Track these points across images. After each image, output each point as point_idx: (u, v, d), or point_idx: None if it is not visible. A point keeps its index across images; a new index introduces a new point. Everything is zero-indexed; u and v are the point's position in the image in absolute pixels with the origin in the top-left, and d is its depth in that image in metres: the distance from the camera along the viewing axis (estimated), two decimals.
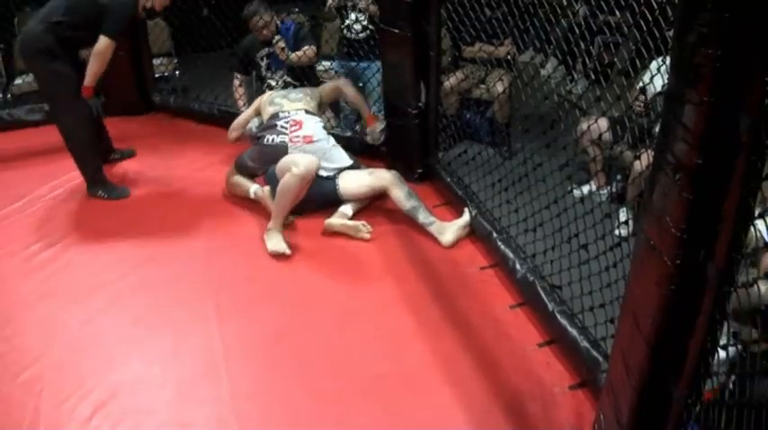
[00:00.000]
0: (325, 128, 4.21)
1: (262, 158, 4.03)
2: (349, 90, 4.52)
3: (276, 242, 3.61)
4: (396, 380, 2.72)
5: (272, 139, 4.00)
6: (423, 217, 3.74)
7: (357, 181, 3.92)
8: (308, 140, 4.01)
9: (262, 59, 4.86)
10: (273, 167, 3.89)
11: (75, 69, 3.94)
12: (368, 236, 3.73)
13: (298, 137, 4.01)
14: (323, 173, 3.93)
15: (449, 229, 3.70)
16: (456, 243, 3.68)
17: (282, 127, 4.05)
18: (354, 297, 3.27)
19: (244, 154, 4.17)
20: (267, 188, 3.97)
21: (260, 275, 3.45)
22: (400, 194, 3.78)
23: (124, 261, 3.56)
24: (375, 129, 4.38)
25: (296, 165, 3.62)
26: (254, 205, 4.04)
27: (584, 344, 2.65)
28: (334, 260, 3.59)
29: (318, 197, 3.91)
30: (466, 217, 3.74)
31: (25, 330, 3.04)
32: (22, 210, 4.11)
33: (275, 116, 4.14)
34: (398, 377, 2.74)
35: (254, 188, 4.04)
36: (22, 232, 3.84)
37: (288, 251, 3.57)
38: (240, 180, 4.16)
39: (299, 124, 4.08)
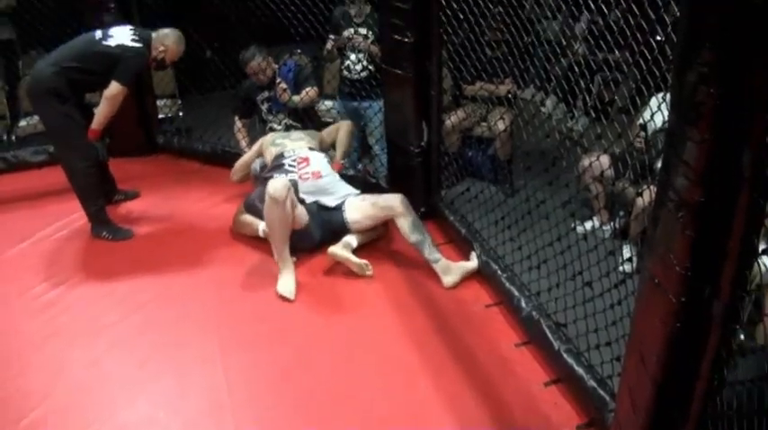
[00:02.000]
0: (329, 163, 4.24)
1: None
2: (343, 132, 4.60)
3: (284, 284, 3.60)
4: (401, 419, 2.71)
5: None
6: (428, 252, 3.71)
7: (363, 212, 3.92)
8: (317, 176, 4.04)
9: (262, 103, 4.89)
10: None
11: (81, 112, 3.99)
12: (370, 273, 3.72)
13: (307, 173, 4.03)
14: (330, 203, 3.94)
15: (453, 271, 3.68)
16: (458, 284, 3.67)
17: (290, 165, 4.08)
18: (359, 334, 3.26)
19: (251, 195, 4.18)
20: None
21: (264, 313, 3.44)
22: (405, 226, 3.76)
23: (128, 301, 3.55)
24: None
25: (266, 190, 3.58)
26: (258, 244, 4.05)
27: (591, 382, 2.63)
28: (339, 297, 3.58)
29: (326, 228, 3.91)
30: (474, 263, 3.72)
31: (30, 371, 3.02)
32: (26, 250, 4.12)
33: (280, 156, 4.16)
34: (404, 415, 2.73)
35: (262, 225, 3.99)
36: (27, 272, 3.85)
37: (292, 297, 3.55)
38: (248, 218, 4.14)
39: (306, 160, 4.11)
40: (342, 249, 3.76)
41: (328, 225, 3.92)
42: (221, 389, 2.87)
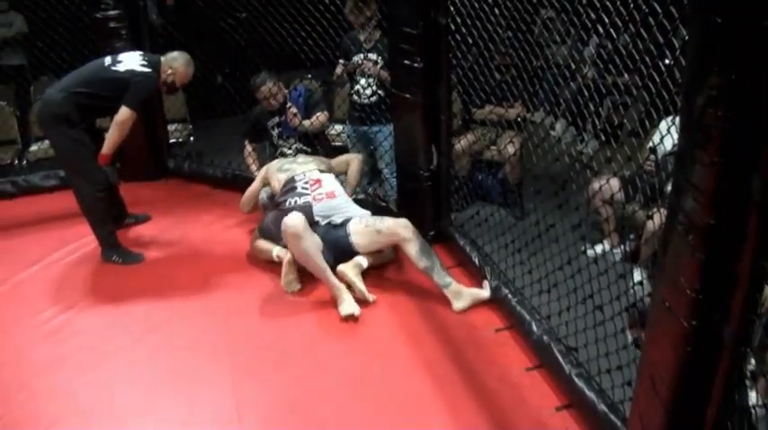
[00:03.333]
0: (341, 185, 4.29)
1: (282, 221, 4.02)
2: (354, 167, 4.59)
3: (346, 306, 3.59)
4: None
5: (295, 201, 4.01)
6: (437, 277, 3.66)
7: (368, 238, 3.86)
8: (331, 195, 4.05)
9: (273, 128, 4.91)
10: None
11: (91, 137, 4.01)
12: (372, 299, 3.68)
13: (320, 194, 4.04)
14: (337, 220, 3.94)
15: (464, 297, 3.64)
16: (468, 309, 3.65)
17: (303, 187, 4.09)
18: (371, 361, 3.24)
19: (266, 219, 4.20)
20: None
21: (275, 340, 3.42)
22: (413, 252, 3.69)
23: (138, 326, 3.55)
24: None
25: (283, 227, 3.65)
26: (270, 269, 4.05)
27: (602, 407, 2.61)
28: (350, 324, 3.55)
29: (333, 247, 3.86)
30: (486, 292, 3.67)
31: (39, 397, 3.02)
32: (36, 274, 4.13)
33: (291, 180, 4.17)
34: None
35: (276, 250, 4.03)
36: (37, 296, 3.86)
37: (357, 312, 3.55)
38: (263, 244, 4.15)
39: (318, 182, 4.13)
40: (351, 269, 3.73)
41: (337, 247, 3.89)
42: (231, 417, 2.85)
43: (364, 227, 3.90)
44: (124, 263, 4.22)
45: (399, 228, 3.76)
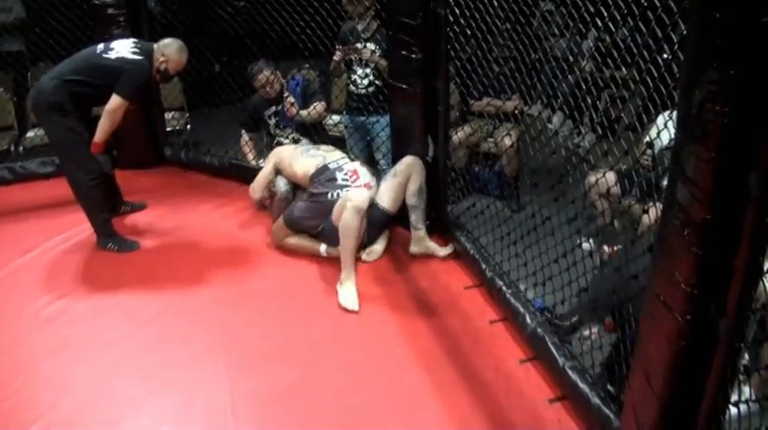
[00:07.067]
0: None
1: (320, 213, 4.04)
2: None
3: (347, 296, 3.62)
4: None
5: (338, 194, 4.00)
6: (416, 218, 4.01)
7: (391, 190, 4.07)
8: (369, 186, 4.12)
9: (270, 118, 4.90)
10: (328, 222, 3.94)
11: (85, 125, 3.98)
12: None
13: (359, 184, 4.08)
14: None
15: (421, 245, 4.05)
16: (417, 256, 4.05)
17: (344, 179, 4.10)
18: (366, 353, 3.24)
19: (292, 210, 4.17)
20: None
21: (271, 331, 3.42)
22: (412, 188, 4.03)
23: (134, 315, 3.54)
24: None
25: (348, 199, 3.68)
26: (268, 259, 4.08)
27: (596, 400, 2.62)
28: (345, 316, 3.55)
29: (372, 226, 4.05)
30: (444, 251, 4.05)
31: (34, 384, 3.02)
32: (32, 261, 4.12)
33: (324, 169, 4.17)
34: None
35: (323, 247, 4.07)
36: (33, 284, 3.85)
37: (357, 308, 3.56)
38: (301, 241, 4.17)
39: (355, 173, 4.16)
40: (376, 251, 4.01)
41: (371, 223, 4.04)
42: (225, 407, 2.85)
43: (386, 186, 4.11)
44: (120, 251, 4.21)
45: (409, 160, 4.08)
